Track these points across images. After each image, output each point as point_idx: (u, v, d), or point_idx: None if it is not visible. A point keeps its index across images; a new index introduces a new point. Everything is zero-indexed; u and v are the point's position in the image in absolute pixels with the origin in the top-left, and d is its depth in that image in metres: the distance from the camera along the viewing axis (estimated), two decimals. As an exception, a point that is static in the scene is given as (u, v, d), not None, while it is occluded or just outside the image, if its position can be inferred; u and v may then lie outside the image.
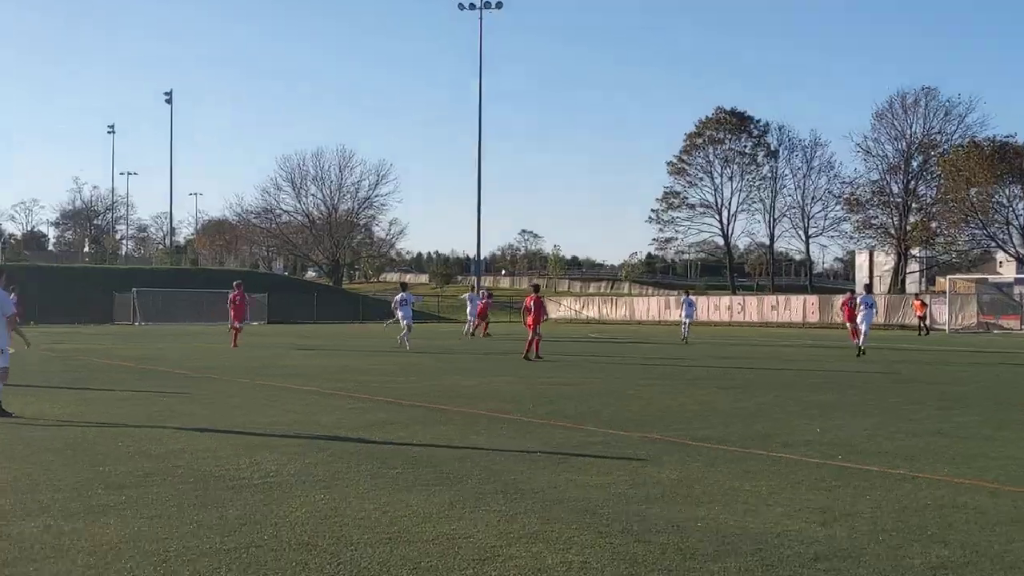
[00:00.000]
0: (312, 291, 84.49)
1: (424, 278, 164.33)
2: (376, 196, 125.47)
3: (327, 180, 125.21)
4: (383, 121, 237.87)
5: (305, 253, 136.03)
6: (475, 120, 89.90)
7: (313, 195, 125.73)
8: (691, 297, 44.57)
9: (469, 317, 45.29)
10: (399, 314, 33.63)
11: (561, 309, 79.83)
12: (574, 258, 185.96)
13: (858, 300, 31.47)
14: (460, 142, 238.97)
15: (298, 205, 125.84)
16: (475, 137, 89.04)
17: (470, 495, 7.79)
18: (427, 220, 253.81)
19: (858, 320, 30.55)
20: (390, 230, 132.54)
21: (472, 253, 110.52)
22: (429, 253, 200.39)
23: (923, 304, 53.53)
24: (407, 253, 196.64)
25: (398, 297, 34.15)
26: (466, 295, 48.77)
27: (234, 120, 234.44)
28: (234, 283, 35.27)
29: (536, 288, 28.22)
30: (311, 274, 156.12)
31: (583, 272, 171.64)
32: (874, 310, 31.27)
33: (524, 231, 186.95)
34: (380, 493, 7.87)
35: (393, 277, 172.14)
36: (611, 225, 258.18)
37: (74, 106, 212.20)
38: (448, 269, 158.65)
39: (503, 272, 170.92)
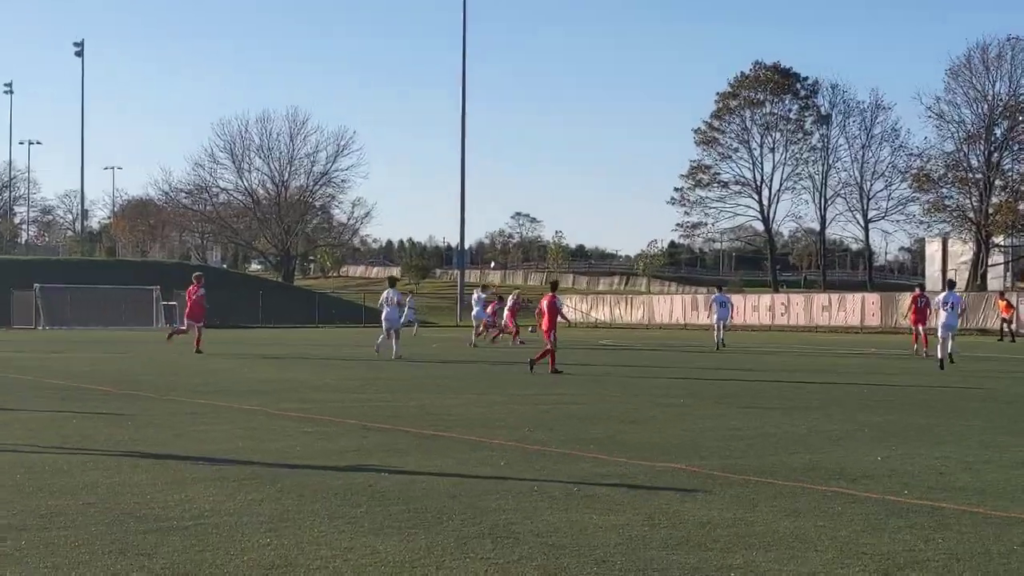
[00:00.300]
0: (256, 288, 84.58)
1: (395, 271, 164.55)
2: (335, 171, 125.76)
3: (275, 151, 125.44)
4: (344, 80, 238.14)
5: (248, 241, 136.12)
6: (458, 79, 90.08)
7: (258, 169, 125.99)
8: (724, 295, 45.06)
9: (475, 320, 46.16)
10: (382, 316, 34.01)
11: (564, 311, 79.92)
12: (580, 248, 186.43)
13: (939, 299, 31.90)
14: (440, 106, 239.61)
15: (239, 182, 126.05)
16: (458, 100, 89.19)
17: (451, 539, 7.79)
18: (399, 201, 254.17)
19: (940, 323, 30.86)
20: (353, 213, 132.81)
21: (454, 241, 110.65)
22: (402, 241, 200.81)
23: (1009, 305, 53.76)
24: (374, 241, 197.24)
25: (390, 295, 33.81)
26: (473, 295, 48.95)
27: (161, 78, 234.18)
28: (194, 276, 37.51)
29: (554, 286, 28.27)
30: (255, 267, 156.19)
31: (591, 265, 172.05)
32: (959, 310, 31.78)
33: (519, 215, 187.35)
34: (341, 537, 7.86)
35: (357, 271, 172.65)
36: (625, 208, 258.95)
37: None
38: (425, 261, 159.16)
39: (492, 264, 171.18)
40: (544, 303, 27.28)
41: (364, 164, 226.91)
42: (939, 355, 29.89)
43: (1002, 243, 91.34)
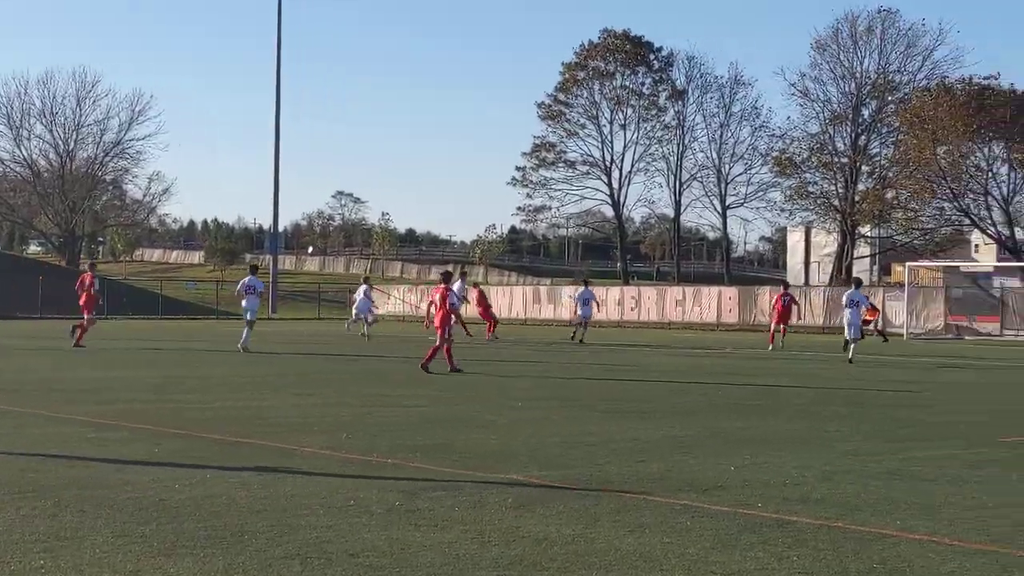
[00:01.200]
0: (35, 273, 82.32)
1: (198, 256, 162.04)
2: (130, 141, 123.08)
3: (59, 117, 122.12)
4: (139, 38, 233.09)
5: (26, 219, 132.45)
6: (273, 39, 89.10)
7: (39, 137, 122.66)
8: (591, 289, 48.32)
9: (357, 313, 48.89)
10: (243, 305, 35.12)
11: (391, 302, 79.66)
12: (409, 232, 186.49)
13: (845, 296, 35.13)
14: (251, 67, 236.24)
15: (17, 151, 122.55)
16: (273, 63, 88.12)
17: (254, 561, 7.70)
18: (204, 177, 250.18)
19: (845, 321, 34.27)
20: (149, 189, 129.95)
21: (267, 222, 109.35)
22: (206, 222, 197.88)
23: (874, 308, 54.99)
24: (174, 222, 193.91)
25: (247, 281, 35.41)
26: (361, 288, 50.36)
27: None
28: (88, 263, 37.89)
29: (446, 277, 28.51)
30: (35, 249, 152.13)
31: (422, 251, 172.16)
32: (862, 309, 34.94)
33: (341, 194, 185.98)
34: (127, 558, 7.71)
35: (154, 255, 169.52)
36: (461, 189, 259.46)
37: None
38: (232, 244, 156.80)
39: (310, 250, 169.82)
40: (436, 295, 27.44)
41: (163, 133, 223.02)
42: (849, 355, 33.08)
43: (868, 233, 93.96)
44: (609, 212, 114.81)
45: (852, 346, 33.64)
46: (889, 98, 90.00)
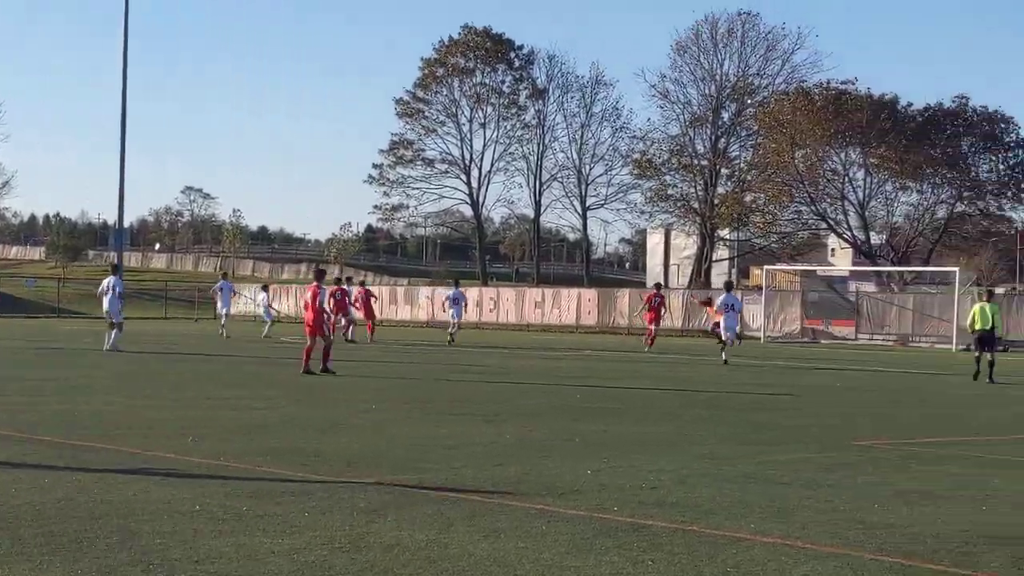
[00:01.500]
0: None
1: (39, 252, 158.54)
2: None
3: None
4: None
5: None
6: (120, 21, 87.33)
7: None
8: (462, 290, 49.58)
9: (222, 310, 49.08)
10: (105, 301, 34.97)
11: (241, 301, 78.79)
12: (262, 230, 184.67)
13: (719, 301, 36.50)
14: (97, 57, 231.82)
15: None
16: (118, 51, 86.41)
17: (93, 568, 7.57)
18: (46, 170, 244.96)
19: (722, 326, 35.47)
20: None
21: (112, 218, 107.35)
22: (48, 217, 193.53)
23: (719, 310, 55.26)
24: (15, 216, 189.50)
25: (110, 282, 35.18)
26: (219, 283, 51.22)
27: None
28: None
29: (320, 275, 28.26)
30: None
31: (275, 250, 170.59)
32: (737, 312, 36.86)
33: (190, 189, 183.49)
34: (-43, 568, 7.50)
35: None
36: (316, 186, 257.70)
37: None
38: (76, 240, 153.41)
39: (157, 246, 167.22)
40: (308, 294, 27.27)
41: (2, 124, 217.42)
42: (723, 356, 34.40)
43: (727, 236, 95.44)
44: (468, 212, 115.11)
45: (726, 348, 34.89)
46: (748, 101, 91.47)
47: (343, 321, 45.39)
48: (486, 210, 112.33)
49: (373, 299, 49.88)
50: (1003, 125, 78.74)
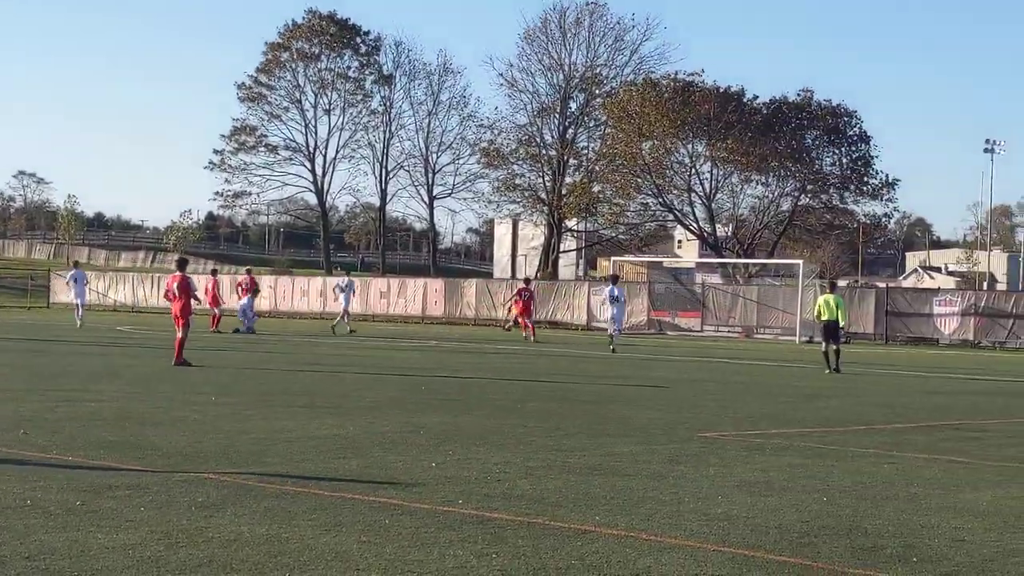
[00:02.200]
0: None
1: None
2: None
3: None
4: None
5: None
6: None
7: None
8: (350, 279, 52.01)
9: (76, 300, 48.50)
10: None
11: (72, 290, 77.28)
12: (98, 216, 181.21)
13: (605, 292, 40.22)
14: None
15: None
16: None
17: (-83, 568, 7.36)
18: None
19: (608, 316, 39.36)
20: None
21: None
22: None
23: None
24: None
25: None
26: (72, 274, 50.69)
27: None
28: None
29: (182, 264, 27.86)
30: None
31: (111, 237, 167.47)
32: (622, 303, 40.25)
33: (23, 174, 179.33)
34: None
35: None
36: (155, 171, 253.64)
37: None
38: None
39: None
40: (174, 283, 26.70)
41: None
42: (611, 346, 37.54)
43: (575, 227, 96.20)
44: (312, 199, 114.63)
45: (614, 338, 38.09)
46: (596, 91, 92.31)
47: (215, 311, 45.42)
48: (331, 198, 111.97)
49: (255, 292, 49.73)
50: (846, 119, 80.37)
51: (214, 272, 53.19)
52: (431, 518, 9.34)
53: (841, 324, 30.42)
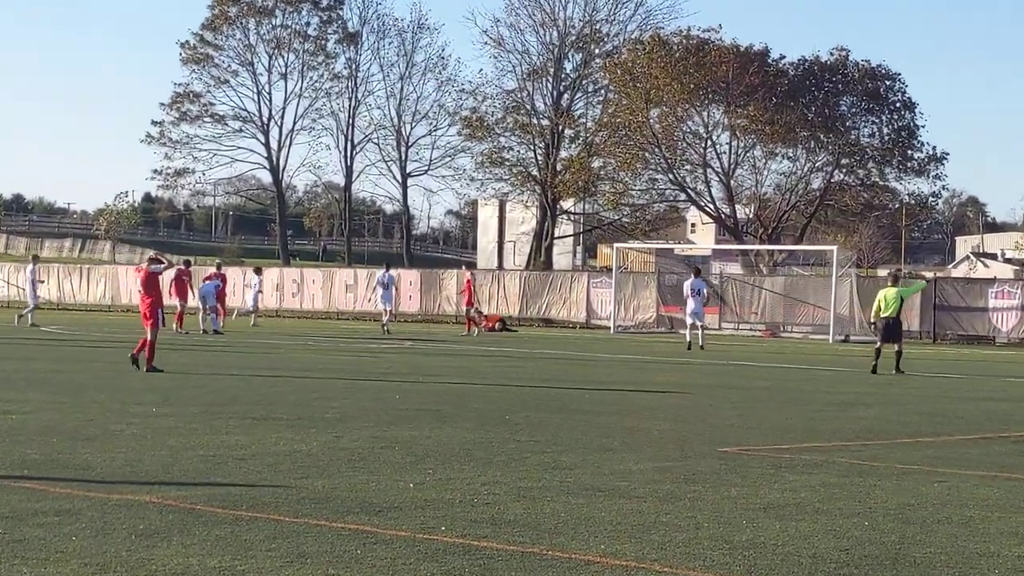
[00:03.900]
0: None
1: None
2: None
3: None
4: None
5: None
6: None
7: None
8: (392, 274, 55.21)
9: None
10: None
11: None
12: (17, 199, 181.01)
13: (687, 286, 42.51)
14: None
15: None
16: None
17: None
18: None
19: (688, 312, 42.08)
20: None
21: None
22: None
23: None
24: None
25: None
26: (29, 267, 52.25)
27: None
28: None
29: (153, 260, 27.83)
30: None
31: (32, 222, 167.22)
32: (702, 299, 43.12)
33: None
34: None
35: None
36: (83, 147, 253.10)
37: None
38: None
39: None
40: (141, 279, 26.79)
41: None
42: (688, 339, 41.64)
43: (572, 209, 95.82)
44: (267, 178, 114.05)
45: (700, 333, 41.71)
46: (596, 51, 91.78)
47: (179, 308, 45.45)
48: (288, 176, 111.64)
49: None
50: (887, 82, 79.91)
51: (187, 263, 52.93)
52: (408, 547, 9.34)
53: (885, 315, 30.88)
